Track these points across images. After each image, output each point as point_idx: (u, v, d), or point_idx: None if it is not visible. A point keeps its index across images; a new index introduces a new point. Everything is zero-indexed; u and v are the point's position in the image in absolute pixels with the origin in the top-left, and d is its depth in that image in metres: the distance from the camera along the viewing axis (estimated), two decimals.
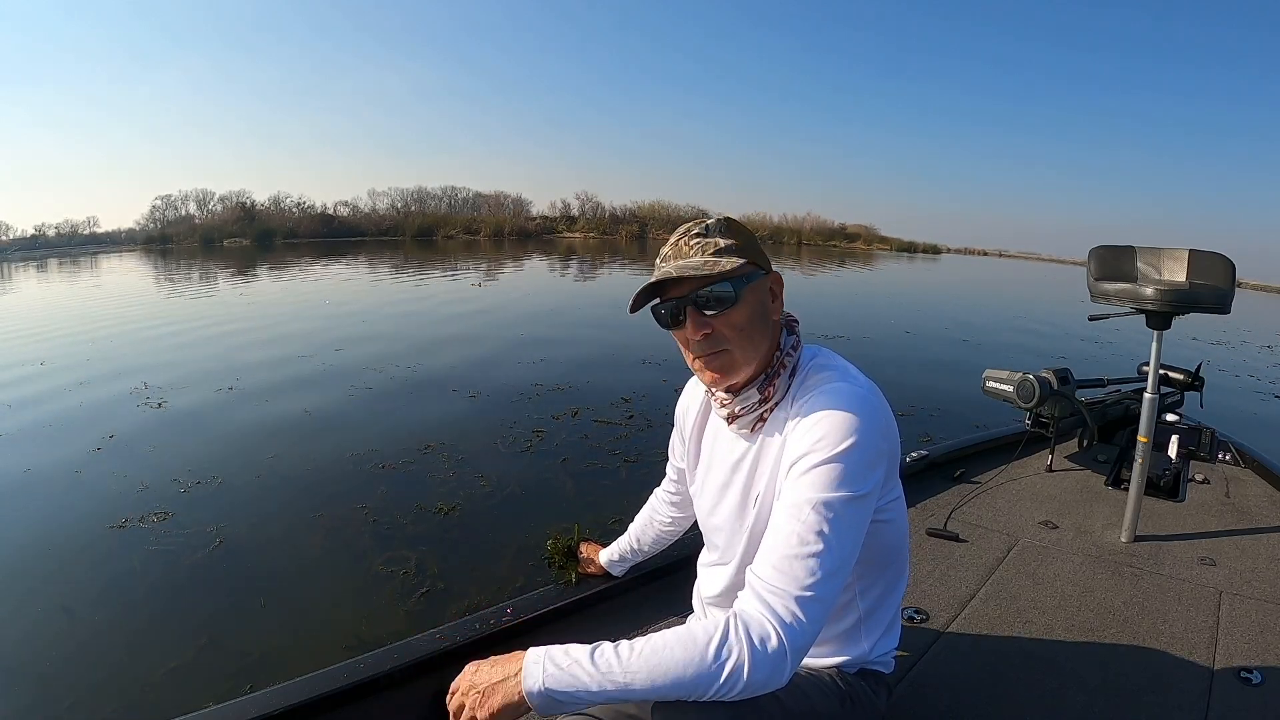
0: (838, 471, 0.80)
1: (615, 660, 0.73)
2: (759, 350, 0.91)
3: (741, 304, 0.88)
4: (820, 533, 0.77)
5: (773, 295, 0.94)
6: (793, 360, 0.93)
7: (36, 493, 3.64)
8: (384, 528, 3.17)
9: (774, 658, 0.72)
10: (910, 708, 1.27)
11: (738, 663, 0.71)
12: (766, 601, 0.75)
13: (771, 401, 0.92)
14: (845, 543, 0.79)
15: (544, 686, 0.73)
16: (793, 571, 0.76)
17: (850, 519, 0.80)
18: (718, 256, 0.87)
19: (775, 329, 0.94)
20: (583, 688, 0.73)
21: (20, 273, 26.20)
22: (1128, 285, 1.90)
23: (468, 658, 1.37)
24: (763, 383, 0.92)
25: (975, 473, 2.46)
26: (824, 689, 0.93)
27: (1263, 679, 1.35)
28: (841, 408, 0.83)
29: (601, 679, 0.72)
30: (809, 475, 0.80)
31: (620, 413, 5.05)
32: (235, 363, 6.79)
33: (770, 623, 0.74)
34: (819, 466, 0.80)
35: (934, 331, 10.36)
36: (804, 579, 0.75)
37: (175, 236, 51.51)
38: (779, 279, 0.95)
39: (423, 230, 57.25)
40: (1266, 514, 2.18)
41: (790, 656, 0.73)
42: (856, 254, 48.75)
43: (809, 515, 0.78)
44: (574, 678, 0.73)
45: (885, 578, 0.98)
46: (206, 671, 2.19)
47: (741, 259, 0.88)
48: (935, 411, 5.34)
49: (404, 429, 4.60)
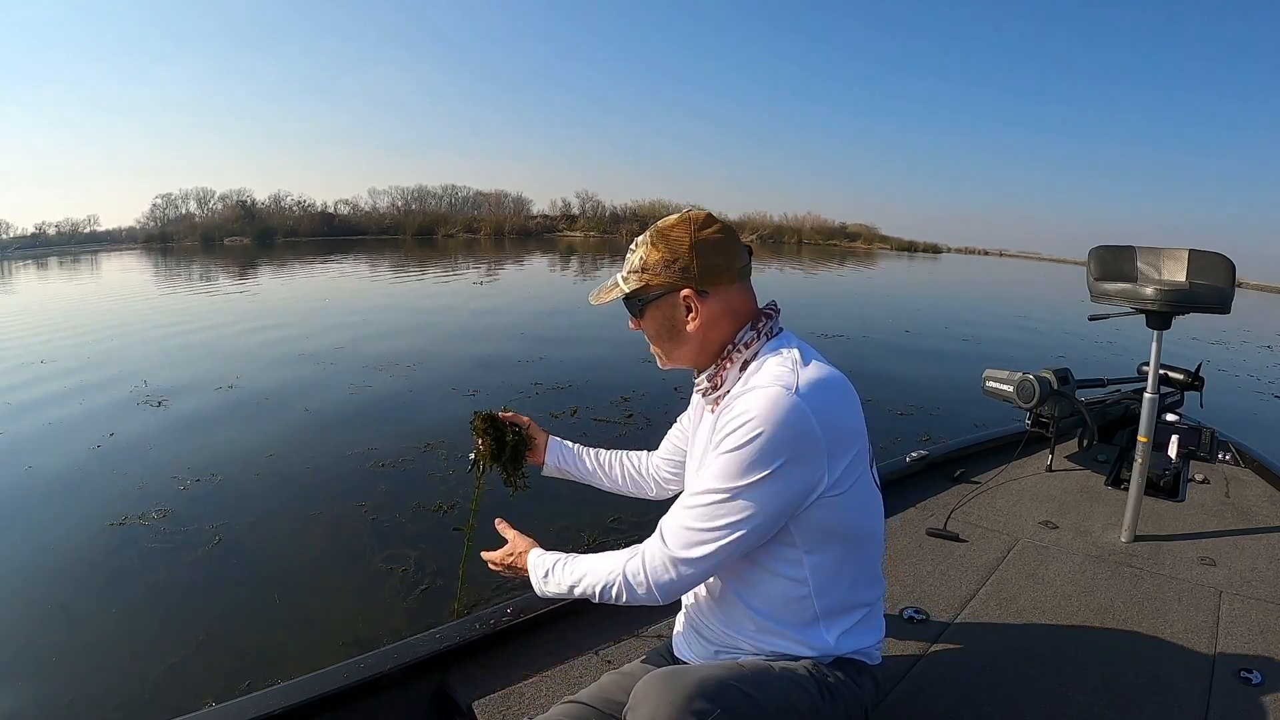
0: (733, 462, 0.90)
1: (562, 570, 1.06)
2: (678, 354, 1.04)
3: (646, 318, 1.04)
4: (709, 510, 0.92)
5: (687, 308, 1.00)
6: (743, 356, 1.00)
7: (36, 491, 3.64)
8: (384, 526, 3.17)
9: (642, 586, 0.96)
10: (910, 708, 1.27)
11: (624, 588, 0.97)
12: (654, 553, 0.96)
13: (721, 390, 1.01)
14: (731, 525, 0.91)
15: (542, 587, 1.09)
16: (678, 535, 0.94)
17: (735, 506, 0.91)
18: (628, 275, 1.03)
19: (701, 336, 1.01)
20: (550, 583, 1.07)
21: (21, 271, 26.20)
22: (1128, 285, 1.90)
23: (468, 658, 1.39)
24: (711, 373, 1.02)
25: (975, 473, 2.46)
26: (799, 681, 0.95)
27: (1262, 679, 1.35)
28: (753, 407, 0.90)
29: (558, 582, 1.05)
30: (714, 461, 0.92)
31: (619, 411, 5.05)
32: (235, 361, 6.79)
33: (646, 570, 0.96)
34: (720, 455, 0.91)
35: (934, 331, 10.36)
36: (684, 545, 0.93)
37: (175, 235, 51.39)
38: (694, 294, 0.99)
39: (423, 229, 57.17)
40: (1266, 514, 2.18)
41: (656, 589, 0.95)
42: (857, 253, 48.73)
43: (704, 495, 0.92)
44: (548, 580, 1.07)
45: (846, 571, 0.99)
46: (206, 671, 2.19)
47: (641, 281, 1.01)
48: (935, 411, 5.34)
49: (404, 427, 4.60)
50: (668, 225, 1.01)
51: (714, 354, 1.01)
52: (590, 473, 1.35)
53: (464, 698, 1.29)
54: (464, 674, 1.34)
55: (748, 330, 1.00)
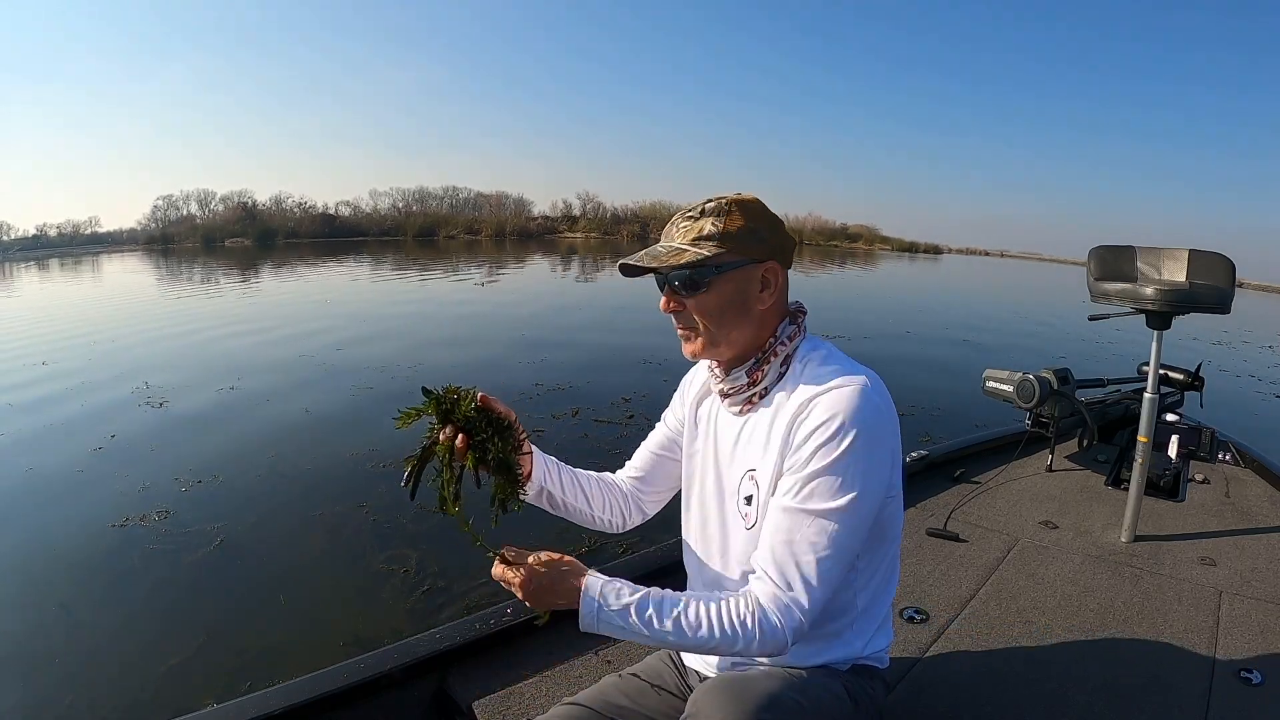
0: (843, 472, 0.83)
1: (654, 620, 0.84)
2: (735, 337, 0.93)
3: (710, 291, 0.91)
4: (824, 532, 0.83)
5: (763, 284, 0.93)
6: (787, 350, 0.94)
7: (38, 492, 3.65)
8: (384, 527, 3.17)
9: (778, 642, 0.84)
10: (910, 708, 1.27)
11: (747, 644, 0.83)
12: (774, 595, 0.84)
13: (760, 386, 0.94)
14: (846, 542, 0.85)
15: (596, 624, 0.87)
16: (797, 569, 0.84)
17: (852, 519, 0.84)
18: (696, 242, 0.90)
19: (763, 317, 0.93)
20: (621, 631, 0.86)
21: (22, 272, 26.22)
22: (1128, 285, 1.90)
23: (468, 658, 1.39)
24: (751, 366, 0.94)
25: (975, 473, 2.46)
26: (834, 689, 0.93)
27: (1263, 679, 1.35)
28: (848, 407, 0.84)
29: (640, 630, 0.85)
30: (814, 478, 0.84)
31: (620, 412, 5.06)
32: (236, 362, 6.80)
33: (777, 614, 0.84)
34: (825, 467, 0.84)
35: (934, 331, 10.36)
36: (806, 575, 0.83)
37: (176, 236, 51.43)
38: (776, 269, 0.93)
39: (424, 230, 57.22)
40: (1266, 514, 2.18)
41: (790, 641, 0.84)
42: (858, 254, 48.73)
43: (812, 517, 0.84)
44: (620, 625, 0.86)
45: (879, 574, 0.98)
46: (206, 671, 2.19)
47: (721, 248, 0.89)
48: (935, 411, 5.34)
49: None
50: (739, 198, 0.93)
51: (760, 344, 0.94)
52: (573, 495, 1.07)
53: (464, 698, 1.29)
54: (464, 674, 1.34)
55: (788, 325, 0.95)
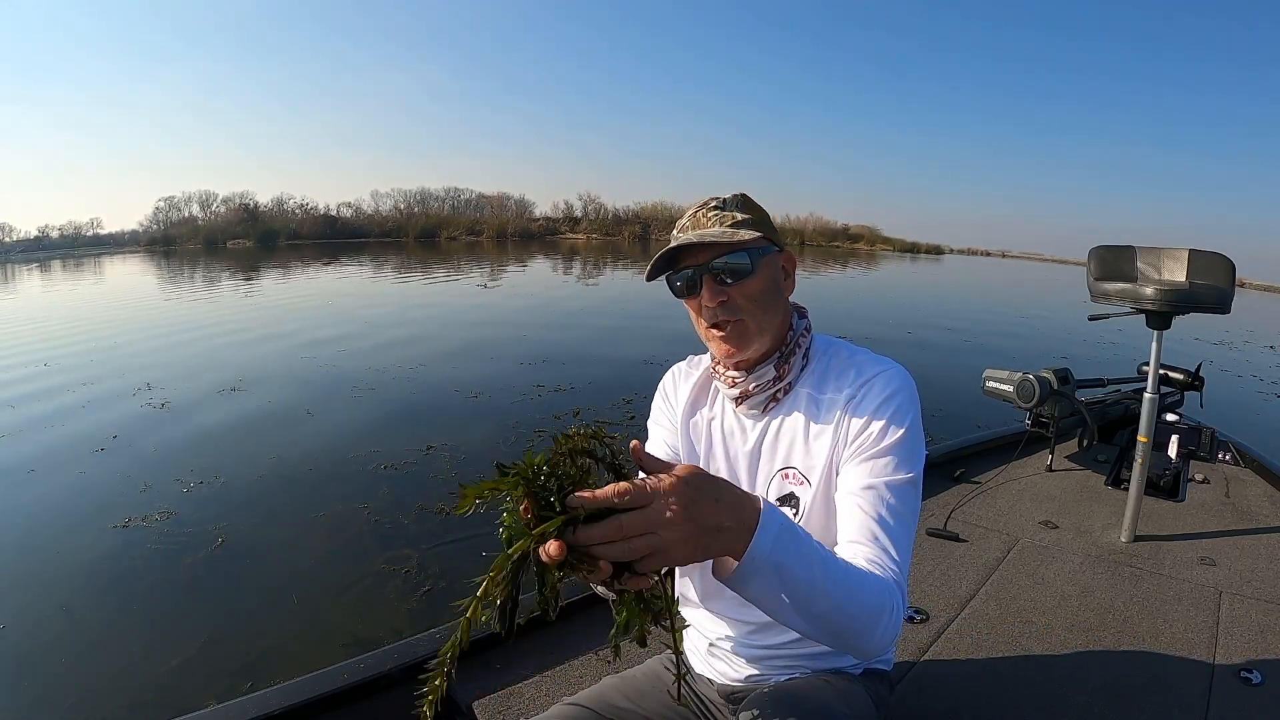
0: (912, 445, 0.85)
1: (830, 561, 0.67)
2: (772, 323, 0.92)
3: (756, 276, 0.89)
4: (903, 513, 0.81)
5: (785, 273, 0.95)
6: (807, 341, 0.95)
7: (40, 492, 3.65)
8: (386, 527, 3.18)
9: (898, 627, 0.73)
10: (910, 707, 1.27)
11: (885, 628, 0.70)
12: (894, 578, 0.74)
13: (786, 380, 0.93)
14: (915, 513, 0.84)
15: (771, 549, 0.61)
16: (893, 550, 0.77)
17: (915, 498, 0.85)
18: (735, 228, 0.89)
19: (787, 307, 0.95)
20: (790, 568, 0.62)
21: (24, 274, 26.26)
22: (1128, 285, 1.90)
23: (468, 658, 1.39)
24: (778, 360, 0.93)
25: (975, 473, 2.46)
26: (857, 696, 0.91)
27: (1263, 679, 1.35)
28: (901, 385, 0.87)
29: (813, 572, 0.63)
30: (888, 453, 0.83)
31: (621, 413, 5.06)
32: (237, 364, 6.81)
33: (900, 597, 0.74)
34: (895, 443, 0.84)
35: (934, 332, 10.35)
36: (899, 557, 0.77)
37: (178, 238, 51.55)
38: (791, 258, 0.96)
39: (425, 231, 57.35)
40: (1266, 514, 2.18)
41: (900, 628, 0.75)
42: (859, 255, 48.71)
43: (894, 491, 0.82)
44: (796, 554, 0.62)
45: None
46: (207, 670, 2.20)
47: (757, 233, 0.89)
48: (935, 411, 5.33)
49: (406, 429, 4.61)
50: (739, 194, 0.94)
51: (783, 337, 0.94)
52: None
53: (464, 698, 1.29)
54: (464, 674, 1.34)
55: (800, 319, 0.97)
